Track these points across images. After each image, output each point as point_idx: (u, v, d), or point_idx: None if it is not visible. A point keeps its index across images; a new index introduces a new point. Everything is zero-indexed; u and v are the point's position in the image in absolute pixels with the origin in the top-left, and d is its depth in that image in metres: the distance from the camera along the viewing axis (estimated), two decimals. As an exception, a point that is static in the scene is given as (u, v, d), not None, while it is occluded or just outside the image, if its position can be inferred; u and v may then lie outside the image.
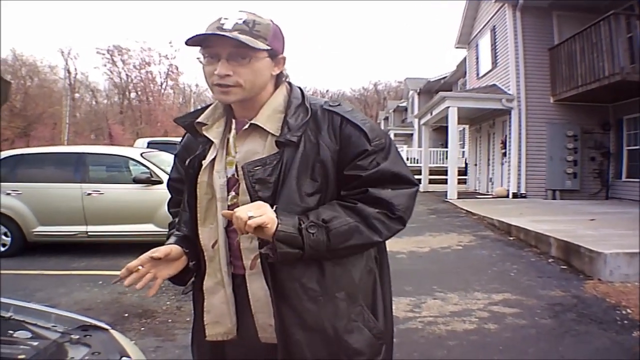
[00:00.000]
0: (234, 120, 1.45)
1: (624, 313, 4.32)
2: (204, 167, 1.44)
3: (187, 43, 1.33)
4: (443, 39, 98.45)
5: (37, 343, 1.47)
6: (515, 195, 13.34)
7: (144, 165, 7.17)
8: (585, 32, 11.15)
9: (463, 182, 18.30)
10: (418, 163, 22.74)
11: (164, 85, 49.15)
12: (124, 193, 7.09)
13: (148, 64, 46.54)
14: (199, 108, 1.52)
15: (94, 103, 50.47)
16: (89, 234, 7.01)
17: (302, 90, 1.47)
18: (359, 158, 1.37)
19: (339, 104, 1.44)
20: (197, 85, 51.01)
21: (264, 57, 1.36)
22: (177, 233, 1.51)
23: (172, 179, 1.67)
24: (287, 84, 1.48)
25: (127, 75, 47.93)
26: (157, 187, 6.80)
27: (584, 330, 3.97)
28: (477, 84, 16.72)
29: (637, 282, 5.11)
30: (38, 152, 8.28)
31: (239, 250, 1.41)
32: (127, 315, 4.45)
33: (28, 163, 7.57)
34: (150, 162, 7.24)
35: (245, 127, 1.40)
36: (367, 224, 1.35)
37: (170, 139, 13.22)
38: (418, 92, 31.46)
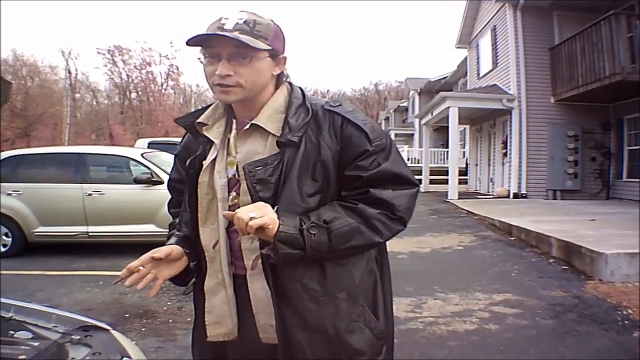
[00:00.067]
0: (235, 121, 1.45)
1: (625, 313, 4.31)
2: (205, 167, 1.44)
3: (187, 43, 1.33)
4: (444, 39, 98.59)
5: (37, 343, 1.47)
6: (516, 196, 13.34)
7: (145, 166, 7.17)
8: (586, 32, 11.15)
9: (464, 182, 18.30)
10: (419, 163, 22.76)
11: (165, 86, 49.22)
12: (125, 193, 7.09)
13: (149, 64, 46.60)
14: (200, 108, 1.52)
15: (95, 103, 50.53)
16: (90, 235, 7.02)
17: (302, 91, 1.47)
18: (360, 158, 1.37)
19: (340, 104, 1.44)
20: (197, 86, 51.05)
21: (265, 57, 1.36)
22: (177, 233, 1.51)
23: (172, 180, 1.67)
24: (287, 84, 1.47)
25: (127, 76, 48.00)
26: (157, 187, 6.80)
27: (585, 331, 3.96)
28: (477, 84, 16.72)
29: (637, 282, 5.11)
30: (39, 152, 8.28)
31: (240, 251, 1.41)
32: (128, 316, 4.45)
33: (29, 163, 7.58)
34: (151, 162, 7.24)
35: (246, 127, 1.40)
36: (368, 225, 1.35)
37: (171, 139, 13.22)
38: (419, 92, 31.47)
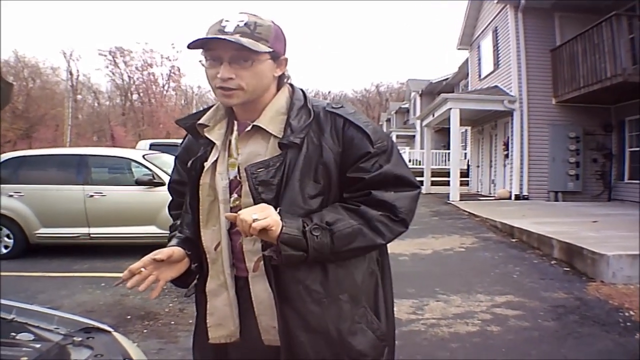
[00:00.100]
0: (236, 122, 1.45)
1: (627, 315, 4.31)
2: (206, 169, 1.44)
3: (189, 47, 1.32)
4: (445, 41, 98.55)
5: (39, 345, 1.47)
6: (518, 197, 13.32)
7: (146, 167, 7.18)
8: (587, 33, 11.14)
9: (465, 183, 18.28)
10: (420, 165, 22.74)
11: (166, 87, 49.23)
12: (126, 195, 7.10)
13: (150, 66, 46.61)
14: (201, 110, 1.52)
15: (96, 105, 50.58)
16: (92, 236, 7.02)
17: (304, 92, 1.47)
18: (362, 160, 1.37)
19: (342, 106, 1.44)
20: (199, 87, 51.13)
21: (266, 59, 1.36)
22: (179, 235, 1.50)
23: (172, 181, 1.67)
24: (289, 86, 1.47)
25: (129, 77, 48.05)
26: (159, 188, 6.79)
27: (587, 332, 3.96)
28: (479, 86, 16.71)
29: (639, 283, 5.10)
30: (40, 153, 8.28)
31: (242, 253, 1.41)
32: (129, 318, 4.45)
33: (30, 165, 7.58)
34: (153, 163, 7.25)
35: (248, 128, 1.40)
36: (370, 227, 1.35)
37: (173, 141, 13.23)
38: (420, 93, 31.49)
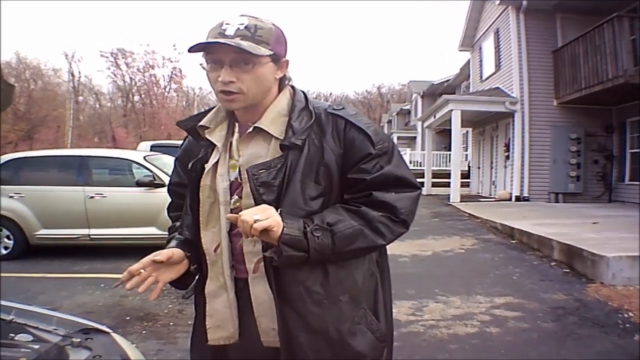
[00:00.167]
0: (237, 124, 1.45)
1: (626, 316, 4.31)
2: (207, 170, 1.44)
3: (190, 51, 1.32)
4: (446, 42, 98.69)
5: (38, 346, 1.48)
6: (518, 199, 13.31)
7: (147, 169, 7.19)
8: (589, 34, 11.14)
9: (466, 185, 18.29)
10: (421, 166, 22.72)
11: (168, 89, 49.18)
12: (127, 196, 7.11)
13: (152, 67, 46.57)
14: (202, 111, 1.52)
15: (98, 106, 50.55)
16: (92, 237, 7.03)
17: (305, 94, 1.47)
18: (363, 161, 1.37)
19: (343, 108, 1.44)
20: (200, 89, 51.07)
21: (267, 62, 1.36)
22: (178, 237, 1.50)
23: (172, 183, 1.67)
24: (290, 87, 1.48)
25: (130, 79, 48.00)
26: (160, 190, 6.79)
27: (586, 334, 3.95)
28: (480, 87, 16.71)
29: (639, 285, 5.09)
30: (41, 155, 8.30)
31: (242, 254, 1.41)
32: (128, 319, 4.46)
33: (31, 166, 7.61)
34: (154, 165, 7.26)
35: (249, 130, 1.40)
36: (371, 227, 1.35)
37: (174, 142, 13.21)
38: (421, 95, 31.50)
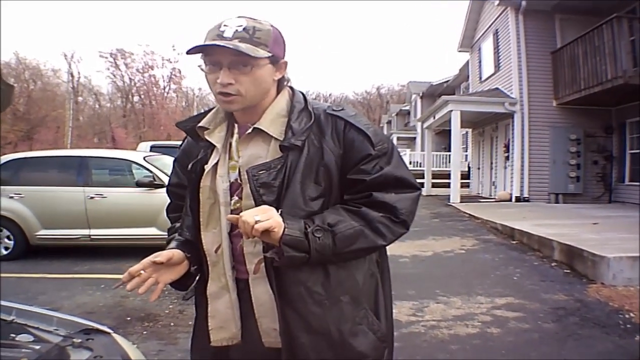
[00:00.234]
0: (237, 125, 1.45)
1: (627, 317, 4.31)
2: (207, 171, 1.44)
3: (188, 53, 1.32)
4: (446, 43, 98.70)
5: (39, 346, 1.47)
6: (518, 199, 13.31)
7: (147, 169, 7.19)
8: (588, 35, 11.14)
9: (466, 185, 18.29)
10: (421, 167, 22.73)
11: (167, 89, 49.26)
12: (127, 197, 7.10)
13: (151, 68, 46.63)
14: (201, 112, 1.52)
15: (97, 106, 50.58)
16: (92, 238, 7.03)
17: (304, 95, 1.47)
18: (363, 162, 1.37)
19: (343, 109, 1.44)
20: (200, 89, 51.12)
21: (266, 64, 1.36)
22: (178, 238, 1.50)
23: (171, 184, 1.66)
24: (289, 89, 1.48)
25: (130, 79, 48.07)
26: (160, 190, 6.78)
27: (587, 334, 3.95)
28: (479, 88, 16.72)
29: (639, 286, 5.11)
30: (41, 155, 8.28)
31: (242, 255, 1.40)
32: (129, 319, 4.45)
33: (31, 166, 7.60)
34: (153, 165, 7.26)
35: (249, 131, 1.40)
36: (371, 228, 1.35)
37: (173, 143, 13.22)
38: (421, 95, 31.51)
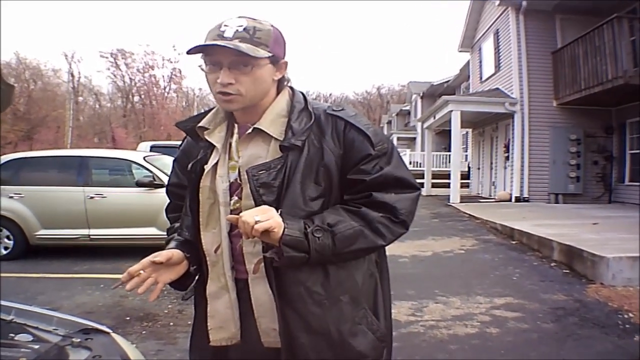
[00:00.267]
0: (236, 125, 1.45)
1: (626, 317, 4.31)
2: (207, 171, 1.44)
3: (188, 52, 1.32)
4: (446, 43, 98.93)
5: (38, 346, 1.48)
6: (518, 199, 13.31)
7: (147, 169, 7.19)
8: (589, 35, 11.14)
9: (466, 186, 18.28)
10: (421, 167, 22.72)
11: (168, 89, 49.26)
12: (127, 196, 7.11)
13: (151, 68, 46.63)
14: (201, 112, 1.52)
15: (97, 106, 50.59)
16: (92, 237, 7.03)
17: (304, 95, 1.47)
18: (363, 162, 1.37)
19: (343, 109, 1.44)
20: (200, 89, 51.13)
21: (266, 64, 1.36)
22: (177, 237, 1.50)
23: (170, 184, 1.66)
24: (289, 89, 1.48)
25: (130, 79, 48.08)
26: (159, 190, 6.77)
27: (586, 334, 3.96)
28: (480, 88, 16.72)
29: (639, 286, 5.10)
30: (41, 155, 8.27)
31: (242, 255, 1.41)
32: (128, 319, 4.45)
33: (31, 166, 7.60)
34: (153, 165, 7.26)
35: (249, 131, 1.40)
36: (371, 228, 1.35)
37: (174, 143, 13.21)
38: (421, 95, 31.50)
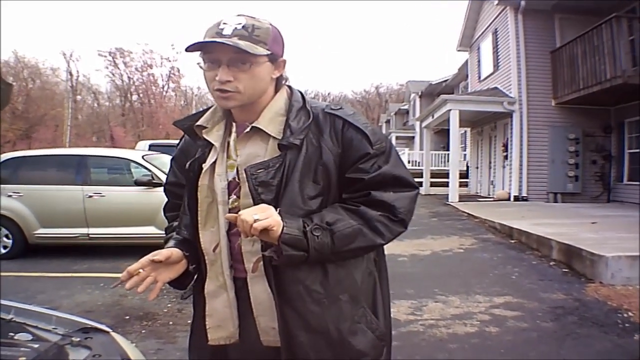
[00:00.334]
0: (234, 124, 1.45)
1: (626, 316, 4.31)
2: (205, 170, 1.43)
3: (187, 50, 1.32)
4: (445, 42, 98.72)
5: (37, 345, 1.47)
6: (517, 198, 13.32)
7: (146, 168, 7.18)
8: (587, 34, 11.15)
9: (464, 185, 18.29)
10: (419, 166, 22.75)
11: (166, 88, 49.31)
12: (126, 195, 7.10)
13: (150, 67, 46.68)
14: (199, 111, 1.52)
15: (96, 105, 50.61)
16: (91, 236, 7.02)
17: (302, 94, 1.47)
18: (361, 161, 1.37)
19: (341, 108, 1.44)
20: (198, 88, 51.13)
21: (264, 61, 1.36)
22: (176, 236, 1.50)
23: (168, 183, 1.66)
24: (287, 87, 1.47)
25: (129, 78, 48.12)
26: (158, 189, 6.74)
27: (586, 334, 3.96)
28: (478, 87, 16.72)
29: (638, 285, 5.10)
30: (39, 154, 8.28)
31: (240, 254, 1.40)
32: (128, 318, 4.45)
33: (29, 165, 7.59)
34: (152, 164, 7.25)
35: (247, 130, 1.40)
36: (370, 227, 1.35)
37: (172, 142, 13.20)
38: (420, 94, 31.50)
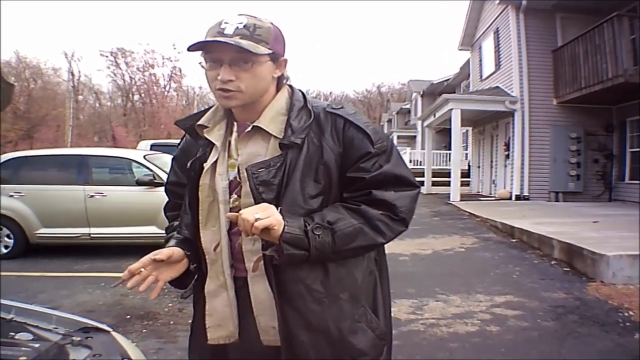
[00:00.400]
0: (236, 123, 1.45)
1: (627, 315, 4.31)
2: (206, 169, 1.44)
3: (189, 49, 1.32)
4: (446, 41, 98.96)
5: (38, 345, 1.48)
6: (518, 198, 13.31)
7: (147, 168, 7.18)
8: (589, 34, 11.14)
9: (466, 184, 18.27)
10: (421, 165, 22.71)
11: (168, 88, 49.24)
12: (127, 195, 7.11)
13: (151, 67, 46.63)
14: (200, 110, 1.52)
15: (98, 105, 50.58)
16: (92, 236, 7.03)
17: (303, 93, 1.47)
18: (362, 160, 1.38)
19: (342, 107, 1.44)
20: (200, 88, 51.07)
21: (266, 61, 1.36)
22: (177, 236, 1.50)
23: (169, 182, 1.66)
24: (288, 87, 1.48)
25: (130, 78, 48.06)
26: (160, 189, 6.74)
27: (587, 333, 3.96)
28: (480, 86, 16.70)
29: (639, 284, 5.10)
30: (41, 154, 8.28)
31: (241, 253, 1.41)
32: (129, 317, 4.46)
33: (31, 165, 7.59)
34: (153, 164, 7.26)
35: (248, 129, 1.40)
36: (371, 226, 1.35)
37: (174, 141, 13.19)
38: (421, 94, 31.48)
